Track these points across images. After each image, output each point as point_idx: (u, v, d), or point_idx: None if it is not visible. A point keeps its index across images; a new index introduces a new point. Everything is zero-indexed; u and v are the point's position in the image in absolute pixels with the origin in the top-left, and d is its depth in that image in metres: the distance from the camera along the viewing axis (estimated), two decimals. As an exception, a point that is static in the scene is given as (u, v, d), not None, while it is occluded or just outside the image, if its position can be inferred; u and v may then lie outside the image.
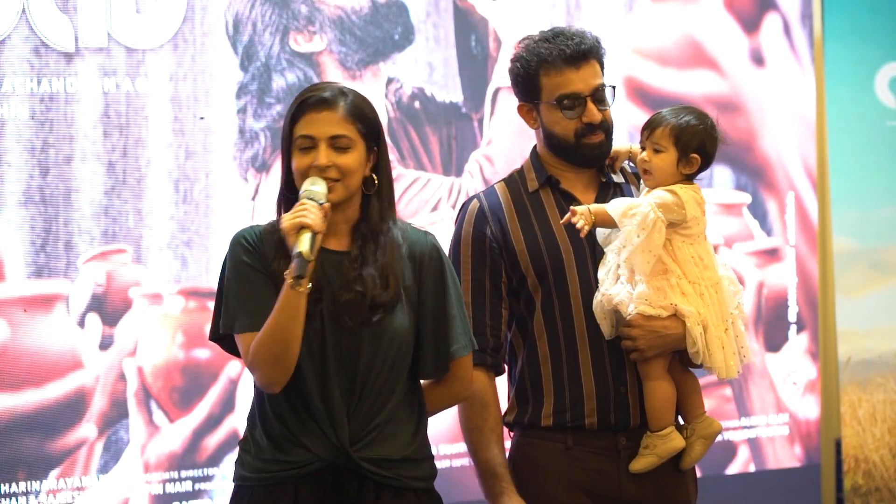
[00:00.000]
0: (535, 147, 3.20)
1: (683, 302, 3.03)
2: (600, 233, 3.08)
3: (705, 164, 3.09)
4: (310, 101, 2.85)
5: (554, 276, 3.05)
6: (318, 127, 2.83)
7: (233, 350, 2.91)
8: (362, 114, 2.88)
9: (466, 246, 3.08)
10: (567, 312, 3.06)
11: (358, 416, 2.84)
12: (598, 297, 3.05)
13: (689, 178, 3.09)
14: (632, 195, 3.15)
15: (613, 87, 3.10)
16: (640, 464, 3.08)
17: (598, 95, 3.05)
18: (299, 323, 2.75)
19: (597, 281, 3.06)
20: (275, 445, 2.84)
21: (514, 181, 3.17)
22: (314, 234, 2.73)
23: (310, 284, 2.74)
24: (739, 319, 3.11)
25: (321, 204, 2.77)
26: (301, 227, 2.72)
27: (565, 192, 3.12)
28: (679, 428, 3.12)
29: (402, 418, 2.88)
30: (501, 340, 3.10)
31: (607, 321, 3.05)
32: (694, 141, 3.06)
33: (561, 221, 3.04)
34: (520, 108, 3.15)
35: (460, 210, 3.17)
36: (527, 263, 3.07)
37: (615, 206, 3.03)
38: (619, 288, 3.03)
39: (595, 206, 3.03)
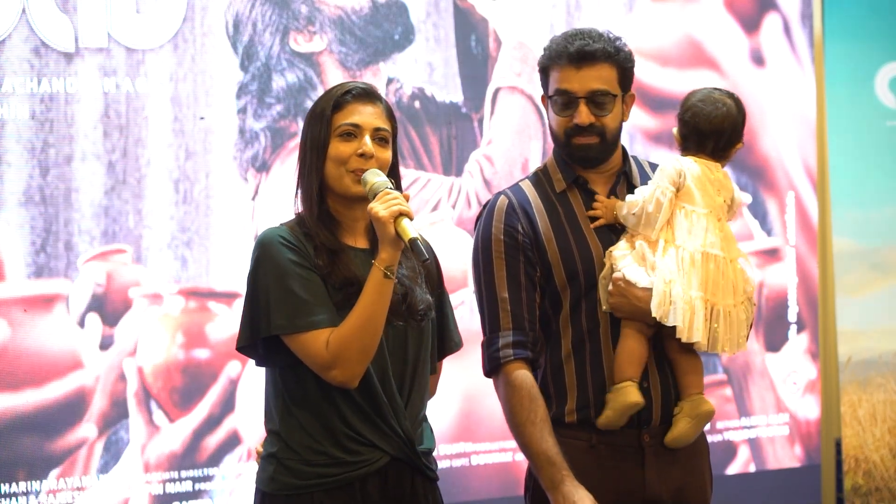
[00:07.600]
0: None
1: (658, 260, 3.04)
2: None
3: (690, 135, 3.10)
4: (354, 91, 2.87)
5: (585, 278, 3.06)
6: (363, 117, 2.86)
7: (266, 355, 2.84)
8: (393, 115, 2.93)
9: (498, 242, 3.07)
10: (593, 312, 3.06)
11: (410, 409, 2.89)
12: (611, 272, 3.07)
13: (685, 150, 3.11)
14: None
15: (620, 97, 3.07)
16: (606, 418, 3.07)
17: (596, 99, 3.03)
18: (386, 313, 2.78)
19: None
20: (338, 447, 2.81)
21: (540, 180, 3.15)
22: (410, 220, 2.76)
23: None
24: (742, 309, 3.09)
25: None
26: (400, 215, 2.74)
27: (592, 192, 3.13)
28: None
29: (425, 411, 2.97)
30: (538, 334, 3.09)
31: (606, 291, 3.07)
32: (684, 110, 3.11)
33: (588, 214, 3.08)
34: (542, 99, 3.19)
35: (485, 207, 3.15)
36: (558, 264, 3.06)
37: (627, 202, 3.07)
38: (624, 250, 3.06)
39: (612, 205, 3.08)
